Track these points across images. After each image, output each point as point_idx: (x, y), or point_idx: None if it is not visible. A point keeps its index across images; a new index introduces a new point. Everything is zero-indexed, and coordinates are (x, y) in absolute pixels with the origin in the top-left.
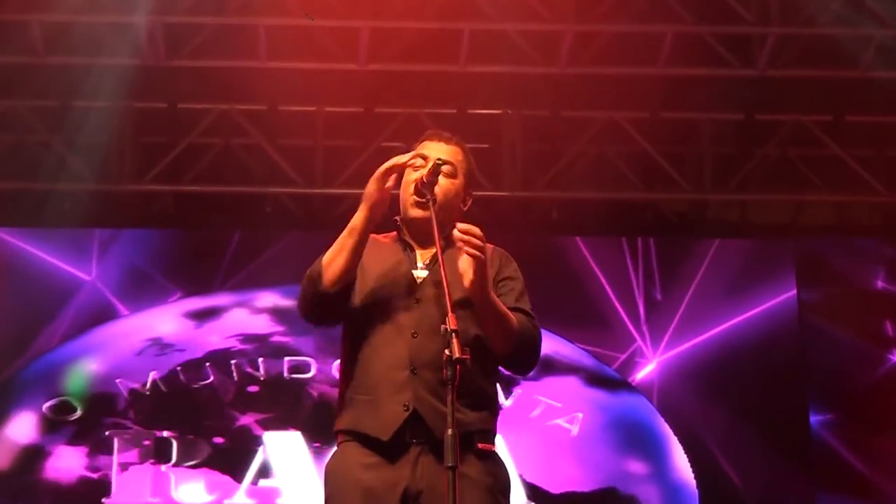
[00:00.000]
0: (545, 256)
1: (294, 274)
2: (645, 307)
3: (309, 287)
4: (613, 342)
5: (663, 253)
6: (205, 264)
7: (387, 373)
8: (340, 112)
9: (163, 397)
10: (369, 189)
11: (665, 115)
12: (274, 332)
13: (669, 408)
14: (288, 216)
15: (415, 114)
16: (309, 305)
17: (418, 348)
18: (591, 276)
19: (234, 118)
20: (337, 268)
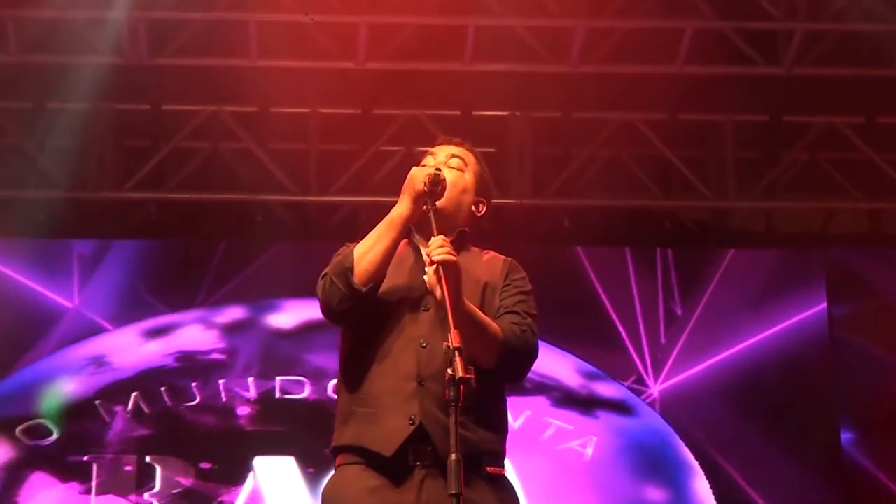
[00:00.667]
0: (556, 268)
1: (287, 286)
2: (665, 323)
3: (339, 281)
4: (629, 360)
5: (682, 265)
6: (190, 277)
7: (392, 384)
8: (336, 114)
9: (146, 419)
10: (415, 175)
11: (684, 117)
12: (264, 349)
13: (689, 429)
14: (280, 225)
15: (416, 116)
16: (336, 302)
17: (427, 359)
18: (607, 290)
19: (223, 120)
20: (371, 263)
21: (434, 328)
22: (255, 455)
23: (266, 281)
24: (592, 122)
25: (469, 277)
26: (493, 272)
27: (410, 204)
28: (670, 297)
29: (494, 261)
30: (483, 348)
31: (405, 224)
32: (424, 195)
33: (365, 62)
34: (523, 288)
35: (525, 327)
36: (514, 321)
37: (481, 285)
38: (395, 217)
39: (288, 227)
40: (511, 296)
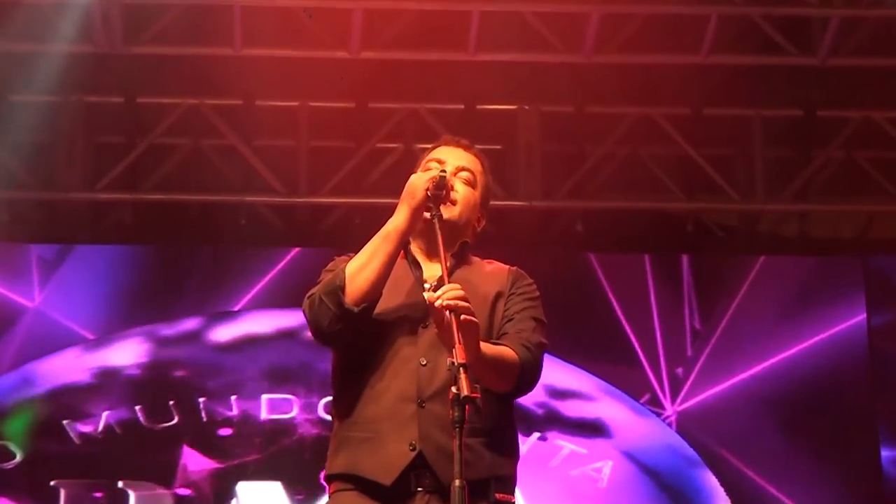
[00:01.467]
0: (567, 276)
1: (276, 296)
2: (685, 336)
3: (329, 300)
4: (643, 377)
5: (706, 273)
6: (168, 285)
7: (390, 407)
8: (328, 108)
9: (118, 441)
10: (415, 183)
11: (709, 112)
12: (250, 366)
13: (715, 448)
14: (267, 229)
15: (415, 110)
16: (326, 323)
17: (428, 378)
18: (622, 300)
19: (204, 115)
20: (366, 281)
21: (435, 345)
22: (239, 480)
23: (250, 290)
24: (608, 118)
25: (476, 293)
26: (499, 283)
27: (408, 215)
28: (692, 308)
29: (499, 271)
30: (500, 380)
31: (402, 237)
32: (426, 204)
33: (360, 51)
34: (530, 294)
35: (535, 342)
36: (523, 337)
37: (489, 301)
38: (391, 230)
39: (276, 232)
40: (517, 303)
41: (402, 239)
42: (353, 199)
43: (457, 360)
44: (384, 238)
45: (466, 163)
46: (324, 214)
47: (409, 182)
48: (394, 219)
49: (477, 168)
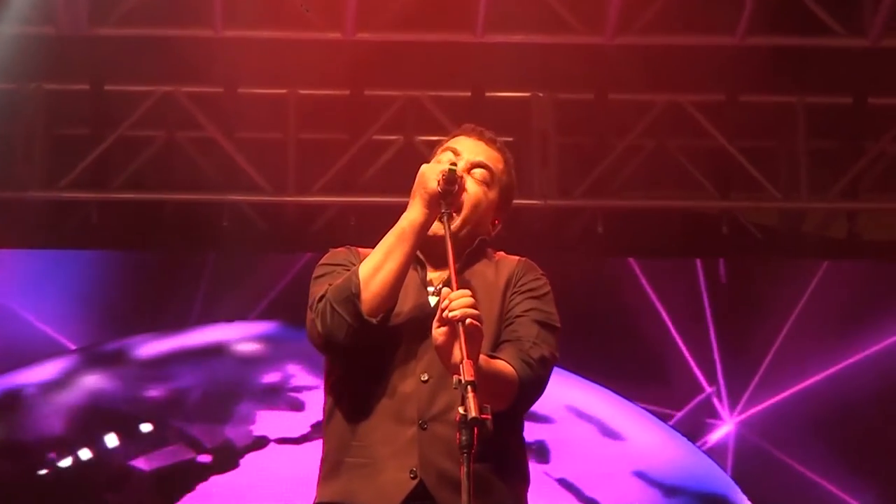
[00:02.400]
0: (588, 284)
1: (259, 304)
2: (720, 350)
3: (343, 310)
4: (677, 395)
5: (744, 279)
6: (140, 294)
7: (387, 429)
8: (319, 96)
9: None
10: (427, 173)
11: (746, 99)
12: (227, 383)
13: (756, 479)
14: (252, 232)
15: (416, 98)
16: (343, 335)
17: (429, 396)
18: (649, 310)
19: (180, 104)
20: (382, 285)
21: (437, 358)
22: None
23: (233, 298)
24: (632, 106)
25: (487, 289)
26: (508, 276)
27: (425, 208)
28: (723, 318)
29: (506, 263)
30: (497, 398)
31: (419, 234)
32: (440, 197)
33: (355, 32)
34: (537, 291)
35: (537, 356)
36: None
37: (499, 298)
38: (406, 226)
39: (261, 235)
40: (520, 302)
41: (420, 236)
42: (347, 198)
43: (464, 378)
44: (399, 236)
45: (485, 158)
46: (315, 215)
47: (421, 172)
48: (408, 213)
49: (497, 165)
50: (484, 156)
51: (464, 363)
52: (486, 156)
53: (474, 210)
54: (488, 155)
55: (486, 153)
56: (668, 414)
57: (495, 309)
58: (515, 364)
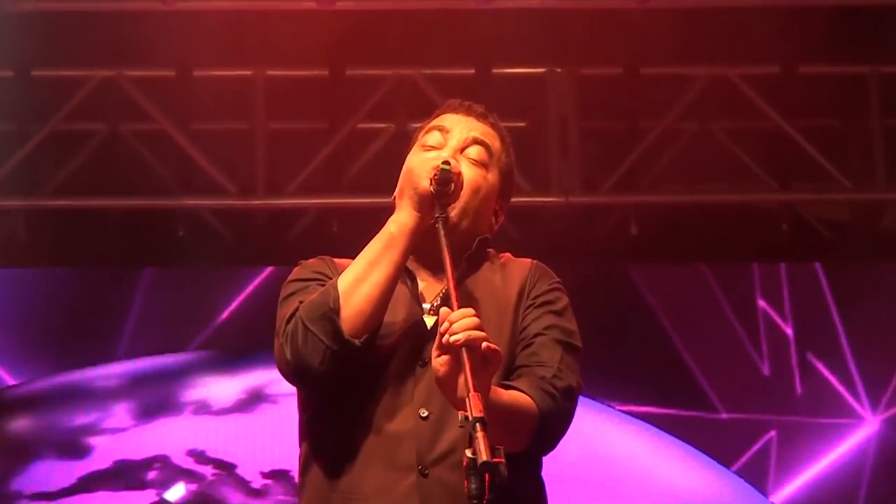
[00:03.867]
0: (617, 295)
1: (224, 333)
2: (796, 369)
3: (319, 330)
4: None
5: (806, 285)
6: (76, 322)
7: (381, 477)
8: (292, 77)
9: None
10: (416, 169)
11: (807, 70)
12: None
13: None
14: (214, 242)
15: (409, 77)
16: (318, 361)
17: (430, 437)
18: (687, 323)
19: (124, 90)
20: (366, 300)
21: (436, 391)
22: None
23: (193, 326)
24: (669, 82)
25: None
26: (519, 283)
27: (415, 210)
28: (781, 335)
29: (515, 266)
30: (510, 438)
31: (410, 240)
32: (433, 197)
33: (334, 0)
34: (554, 304)
35: (562, 386)
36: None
37: (511, 308)
38: (395, 231)
39: (225, 245)
40: (537, 317)
41: (412, 242)
42: (328, 200)
43: (472, 414)
44: (387, 242)
45: (479, 133)
46: (290, 221)
47: (407, 167)
48: (397, 216)
49: (494, 143)
50: (477, 131)
51: (470, 397)
52: (479, 132)
53: (474, 196)
54: (482, 131)
55: (480, 129)
56: (733, 451)
57: (506, 326)
58: (535, 395)
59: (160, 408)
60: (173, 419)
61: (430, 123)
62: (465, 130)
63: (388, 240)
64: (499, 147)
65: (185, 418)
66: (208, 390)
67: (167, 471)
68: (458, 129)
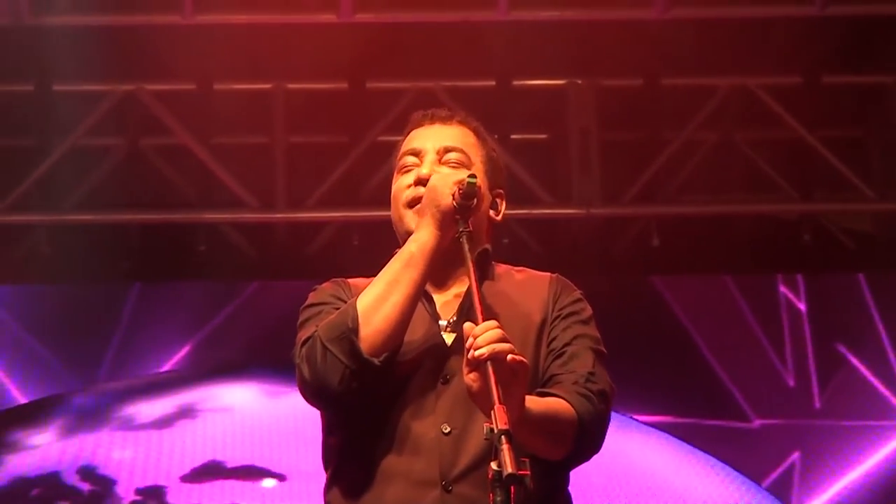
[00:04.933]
0: (640, 306)
1: (245, 349)
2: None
3: (338, 350)
4: (761, 444)
5: (830, 298)
6: (96, 338)
7: (404, 493)
8: (312, 90)
9: None
10: (439, 187)
11: (829, 80)
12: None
13: None
14: (234, 256)
15: (428, 89)
16: (337, 381)
17: (453, 450)
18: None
19: (144, 104)
20: (386, 321)
21: (459, 405)
22: None
23: (212, 342)
24: (690, 92)
25: (515, 315)
26: (541, 299)
27: (436, 229)
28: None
29: (535, 281)
30: (550, 446)
31: (431, 259)
32: (455, 213)
33: (353, 13)
34: (580, 314)
35: (597, 389)
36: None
37: (535, 322)
38: (415, 250)
39: (246, 260)
40: (565, 328)
41: (431, 262)
42: (348, 213)
43: (497, 426)
44: (406, 262)
45: (450, 140)
46: (311, 235)
47: (430, 185)
48: (417, 235)
49: (467, 140)
50: (449, 138)
51: (495, 409)
52: (450, 138)
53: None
54: (452, 134)
55: (450, 134)
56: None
57: (531, 340)
58: (572, 399)
59: (83, 425)
60: (93, 435)
61: (402, 146)
62: (434, 142)
63: (409, 259)
64: (473, 141)
65: (106, 434)
66: (138, 408)
67: (53, 489)
68: (429, 143)
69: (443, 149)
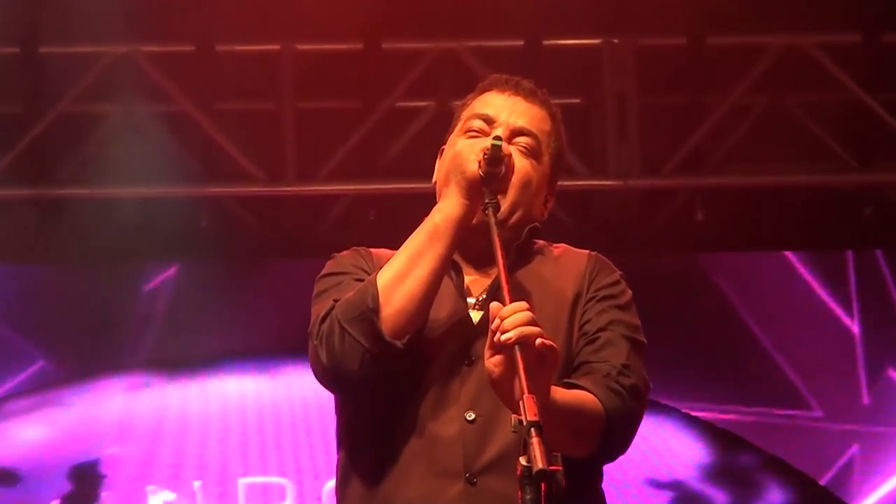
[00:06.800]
0: (686, 289)
1: (254, 333)
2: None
3: (357, 331)
4: (821, 432)
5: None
6: (93, 323)
7: (426, 485)
8: (323, 51)
9: None
10: (465, 153)
11: (890, 38)
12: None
13: None
14: (241, 233)
15: (451, 50)
16: (357, 365)
17: (478, 442)
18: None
19: (139, 68)
20: (408, 297)
21: (486, 390)
22: None
23: (220, 326)
24: (737, 52)
25: (550, 295)
26: (575, 275)
27: (463, 199)
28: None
29: (572, 257)
30: (574, 441)
31: (458, 230)
32: (481, 182)
33: None
34: (618, 298)
35: (629, 384)
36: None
37: (567, 301)
38: (440, 222)
39: (253, 236)
40: (599, 311)
41: (457, 234)
42: (364, 186)
43: (526, 418)
44: (431, 234)
45: (526, 121)
46: (323, 210)
47: (456, 151)
48: (442, 205)
49: (543, 127)
50: (526, 118)
51: (524, 399)
52: (528, 117)
53: (525, 190)
54: (531, 115)
55: (529, 113)
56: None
57: (563, 322)
58: (601, 393)
59: None
60: None
61: (473, 106)
62: (511, 117)
63: (433, 231)
64: (549, 129)
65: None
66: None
67: None
68: (504, 114)
69: (518, 129)
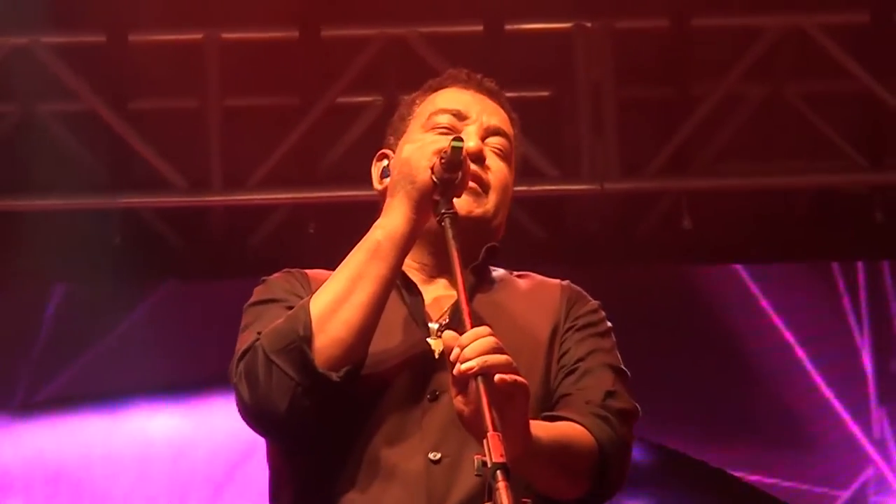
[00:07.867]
0: (672, 306)
1: (172, 369)
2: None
3: (286, 364)
4: (825, 465)
5: None
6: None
7: None
8: (253, 41)
9: None
10: (414, 159)
11: None
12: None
13: None
14: (160, 250)
15: (400, 37)
16: (286, 403)
17: (443, 485)
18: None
19: (41, 60)
20: (346, 326)
21: (452, 428)
22: None
23: (133, 358)
24: (728, 36)
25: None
26: (551, 309)
27: (410, 212)
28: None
29: (543, 289)
30: (566, 481)
31: (402, 248)
32: (435, 191)
33: None
34: (597, 327)
35: (617, 409)
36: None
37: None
38: (382, 238)
39: (172, 254)
40: (578, 341)
41: (402, 253)
42: (301, 194)
43: (490, 459)
44: (371, 253)
45: (499, 121)
46: (255, 223)
47: (404, 157)
48: (385, 220)
49: (510, 129)
50: (498, 117)
51: (488, 437)
52: (499, 117)
53: (505, 194)
54: (501, 116)
55: (499, 114)
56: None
57: (539, 360)
58: (588, 422)
59: None
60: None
61: (434, 101)
62: (484, 114)
63: (374, 249)
64: (515, 133)
65: None
66: None
67: None
68: (476, 111)
69: (493, 127)
